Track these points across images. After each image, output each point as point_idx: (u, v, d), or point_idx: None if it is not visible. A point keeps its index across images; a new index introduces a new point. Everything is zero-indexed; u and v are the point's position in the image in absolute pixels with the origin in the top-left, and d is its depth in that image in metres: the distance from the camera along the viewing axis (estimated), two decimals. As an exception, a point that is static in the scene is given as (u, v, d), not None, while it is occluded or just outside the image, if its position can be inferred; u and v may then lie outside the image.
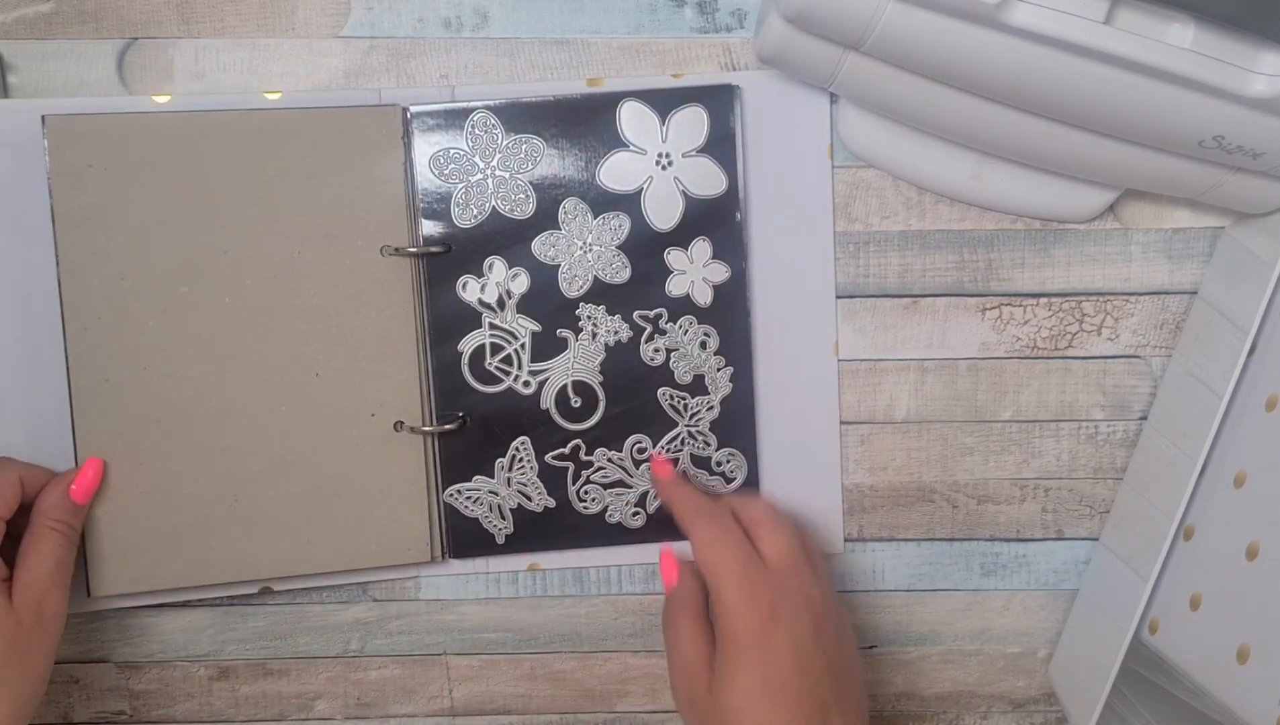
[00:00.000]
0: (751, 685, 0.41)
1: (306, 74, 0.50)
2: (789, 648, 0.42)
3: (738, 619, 0.42)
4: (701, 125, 0.49)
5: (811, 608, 0.43)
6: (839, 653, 0.43)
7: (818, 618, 0.43)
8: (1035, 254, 0.52)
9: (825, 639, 0.42)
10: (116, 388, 0.48)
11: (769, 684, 0.41)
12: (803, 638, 0.42)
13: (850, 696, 0.43)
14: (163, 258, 0.48)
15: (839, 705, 0.42)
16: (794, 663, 0.41)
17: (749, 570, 0.43)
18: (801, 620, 0.42)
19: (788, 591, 0.43)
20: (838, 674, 0.42)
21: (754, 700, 0.41)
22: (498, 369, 0.50)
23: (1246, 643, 0.44)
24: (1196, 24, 0.39)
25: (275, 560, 0.50)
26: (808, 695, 0.41)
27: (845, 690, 0.43)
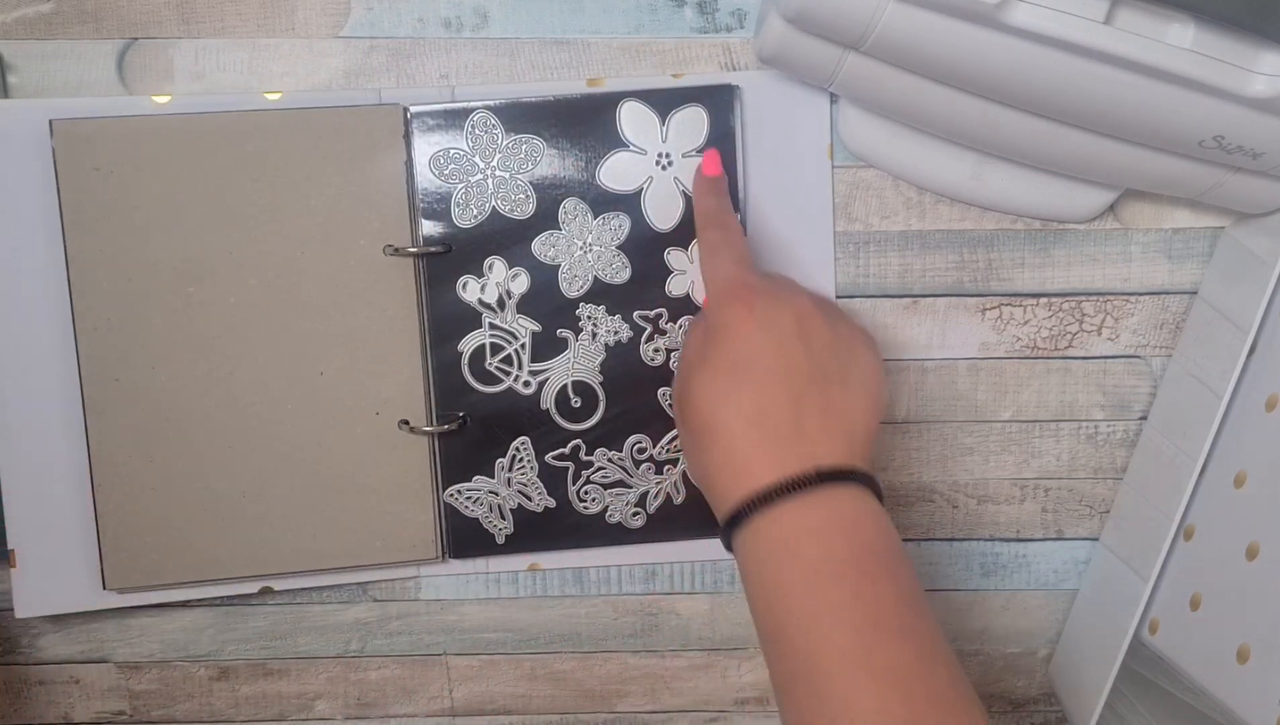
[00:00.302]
0: (719, 363, 0.40)
1: (306, 74, 0.50)
2: (764, 332, 0.40)
3: (718, 309, 0.42)
4: (701, 125, 0.49)
5: (798, 307, 0.41)
6: (830, 356, 0.41)
7: (804, 316, 0.41)
8: (1035, 254, 0.52)
9: (812, 337, 0.41)
10: (126, 387, 0.48)
11: (736, 363, 0.40)
12: (782, 327, 0.40)
13: (836, 401, 0.40)
14: (169, 258, 0.48)
15: (817, 402, 0.40)
16: (769, 346, 0.40)
17: (739, 270, 0.43)
18: (783, 312, 0.41)
19: (775, 291, 0.42)
20: (824, 373, 0.40)
21: (719, 380, 0.40)
22: (498, 369, 0.50)
23: (1246, 643, 0.44)
24: (1196, 24, 0.39)
25: (283, 556, 0.50)
26: (777, 377, 0.40)
27: (830, 393, 0.40)
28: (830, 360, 0.41)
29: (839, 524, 0.38)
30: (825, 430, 0.40)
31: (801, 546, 0.38)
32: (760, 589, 0.39)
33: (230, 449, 0.49)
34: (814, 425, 0.40)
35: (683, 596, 0.54)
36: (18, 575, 0.50)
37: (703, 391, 0.40)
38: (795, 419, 0.39)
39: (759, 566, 0.39)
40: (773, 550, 0.38)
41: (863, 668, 0.35)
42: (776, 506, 0.38)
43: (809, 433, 0.39)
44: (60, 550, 0.50)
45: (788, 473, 0.38)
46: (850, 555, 0.38)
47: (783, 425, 0.39)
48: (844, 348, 0.42)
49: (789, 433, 0.39)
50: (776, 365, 0.40)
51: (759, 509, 0.38)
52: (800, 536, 0.38)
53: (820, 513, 0.38)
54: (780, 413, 0.39)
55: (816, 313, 0.42)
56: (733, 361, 0.40)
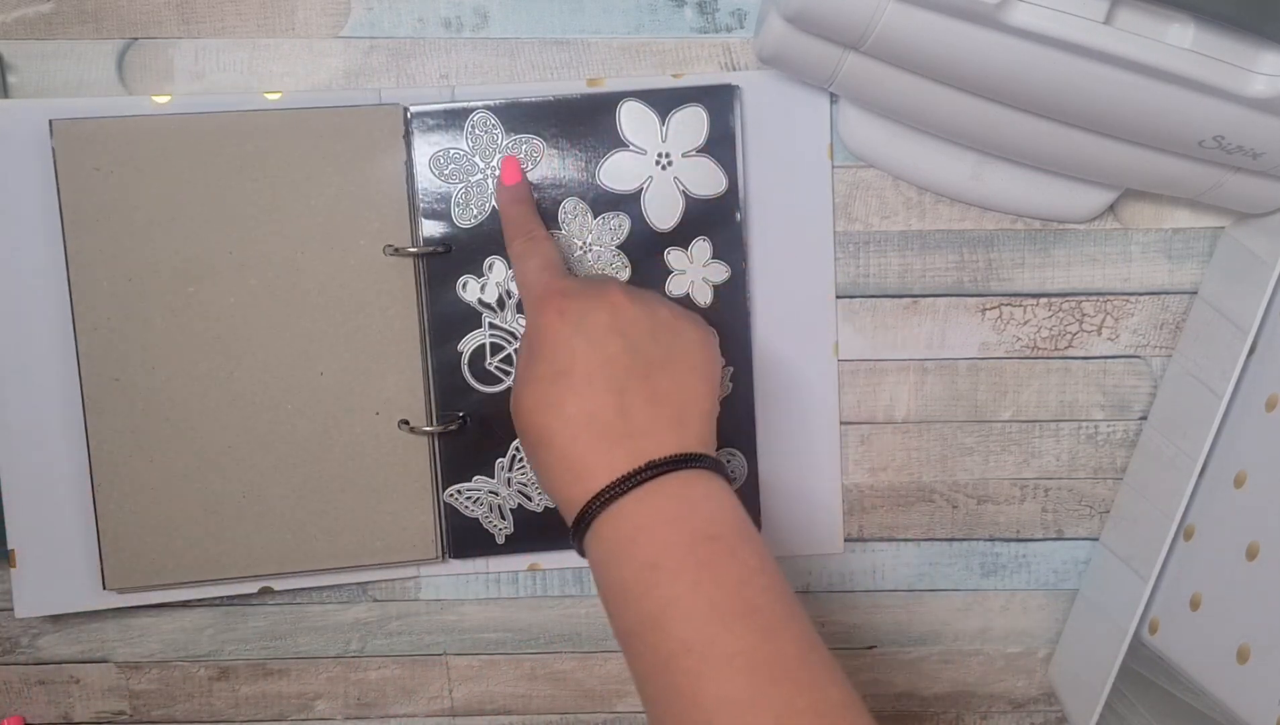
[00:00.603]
0: (541, 374, 0.40)
1: (306, 74, 0.50)
2: (578, 334, 0.40)
3: (533, 319, 0.42)
4: (701, 125, 0.49)
5: (610, 301, 0.41)
6: (650, 342, 0.41)
7: (617, 308, 0.41)
8: (1035, 254, 0.52)
9: (628, 327, 0.41)
10: (126, 387, 0.48)
11: (557, 372, 0.40)
12: (595, 324, 0.40)
13: (662, 386, 0.40)
14: (169, 258, 0.48)
15: (641, 392, 0.40)
16: (583, 346, 0.40)
17: (546, 273, 0.43)
18: (594, 310, 0.41)
19: (585, 291, 0.42)
20: (644, 359, 0.41)
21: (543, 390, 0.40)
22: (498, 369, 0.50)
23: (1246, 643, 0.44)
24: (1196, 24, 0.39)
25: (283, 556, 0.50)
26: (597, 377, 0.40)
27: (654, 378, 0.40)
28: (650, 347, 0.41)
29: (671, 514, 0.38)
30: (653, 420, 0.40)
31: (638, 544, 0.38)
32: (608, 591, 0.39)
33: (230, 449, 0.49)
34: (641, 417, 0.40)
35: (683, 596, 0.54)
36: (18, 575, 0.50)
37: (530, 403, 0.41)
38: (621, 415, 0.39)
39: (604, 569, 0.39)
40: (613, 551, 0.38)
41: (707, 658, 0.35)
42: (614, 506, 0.38)
43: (637, 426, 0.39)
44: (60, 550, 0.50)
45: (620, 471, 0.38)
46: (686, 543, 0.37)
47: (610, 424, 0.39)
48: (664, 331, 0.42)
49: (617, 430, 0.39)
50: (594, 364, 0.40)
51: (598, 511, 0.38)
52: (635, 534, 0.38)
53: (653, 506, 0.38)
54: (605, 411, 0.39)
55: (630, 303, 0.42)
56: (554, 369, 0.40)
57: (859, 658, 0.55)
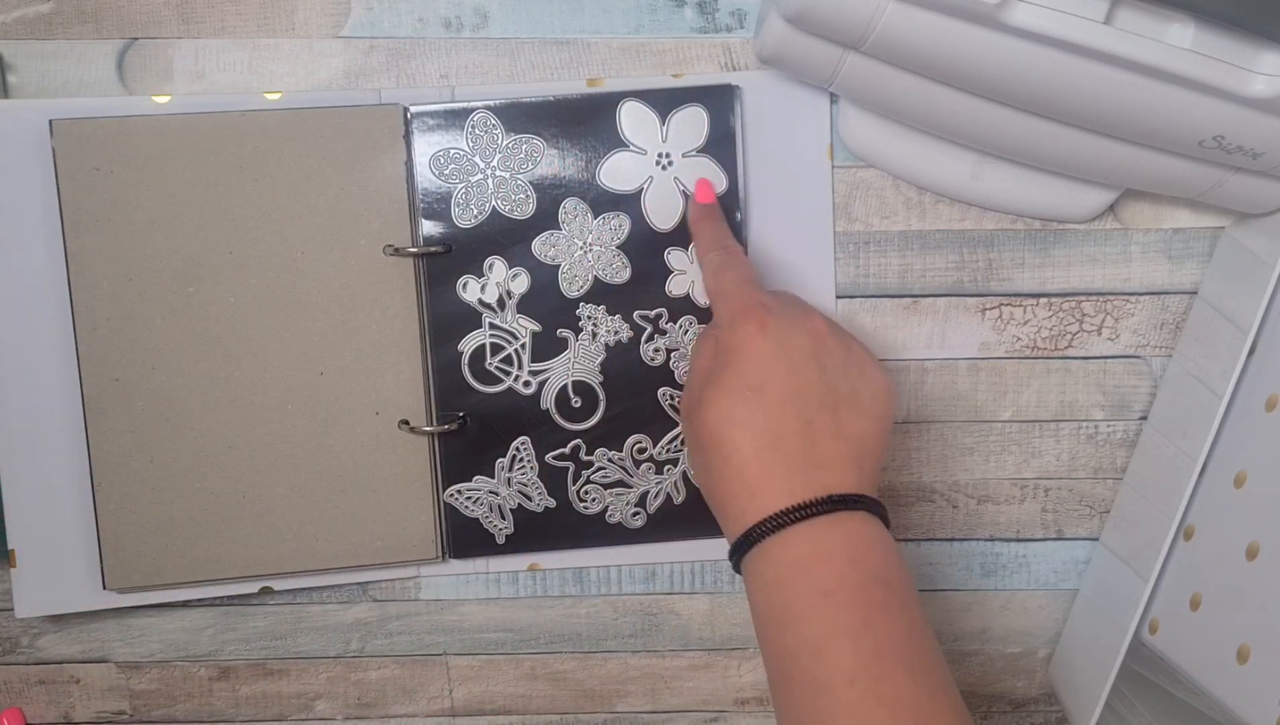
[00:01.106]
0: (732, 386, 0.40)
1: (306, 74, 0.50)
2: (777, 355, 0.40)
3: (730, 328, 0.42)
4: (701, 125, 0.49)
5: (812, 329, 0.41)
6: (841, 378, 0.41)
7: (818, 337, 0.41)
8: (1035, 254, 0.52)
9: (825, 358, 0.41)
10: (126, 387, 0.48)
11: (750, 386, 0.40)
12: (796, 348, 0.40)
13: (848, 425, 0.40)
14: (169, 258, 0.48)
15: (829, 426, 0.40)
16: (782, 369, 0.40)
17: (747, 289, 0.43)
18: (797, 333, 0.41)
19: (788, 311, 0.42)
20: (835, 395, 0.40)
21: (733, 403, 0.40)
22: (498, 369, 0.50)
23: (1246, 643, 0.44)
24: (1196, 24, 0.39)
25: (283, 556, 0.50)
26: (790, 401, 0.40)
27: (842, 416, 0.40)
28: (843, 383, 0.41)
29: (849, 550, 0.38)
30: (837, 455, 0.40)
31: (813, 570, 0.38)
32: (769, 611, 0.39)
33: (230, 449, 0.49)
34: (826, 450, 0.40)
35: (683, 596, 0.54)
36: (18, 575, 0.50)
37: (715, 412, 0.40)
38: (808, 443, 0.39)
39: (768, 589, 0.39)
40: (783, 573, 0.38)
41: (872, 695, 0.35)
42: (787, 530, 0.38)
43: (821, 457, 0.39)
44: (60, 550, 0.50)
45: (799, 497, 0.38)
46: (861, 582, 0.37)
47: (795, 449, 0.39)
48: (855, 370, 0.42)
49: (801, 457, 0.39)
50: (790, 388, 0.40)
51: (770, 532, 0.38)
52: (811, 561, 0.38)
53: (831, 538, 0.38)
54: (793, 436, 0.39)
55: (830, 334, 0.41)
56: (746, 383, 0.40)
57: (859, 658, 0.55)
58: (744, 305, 0.42)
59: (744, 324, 0.41)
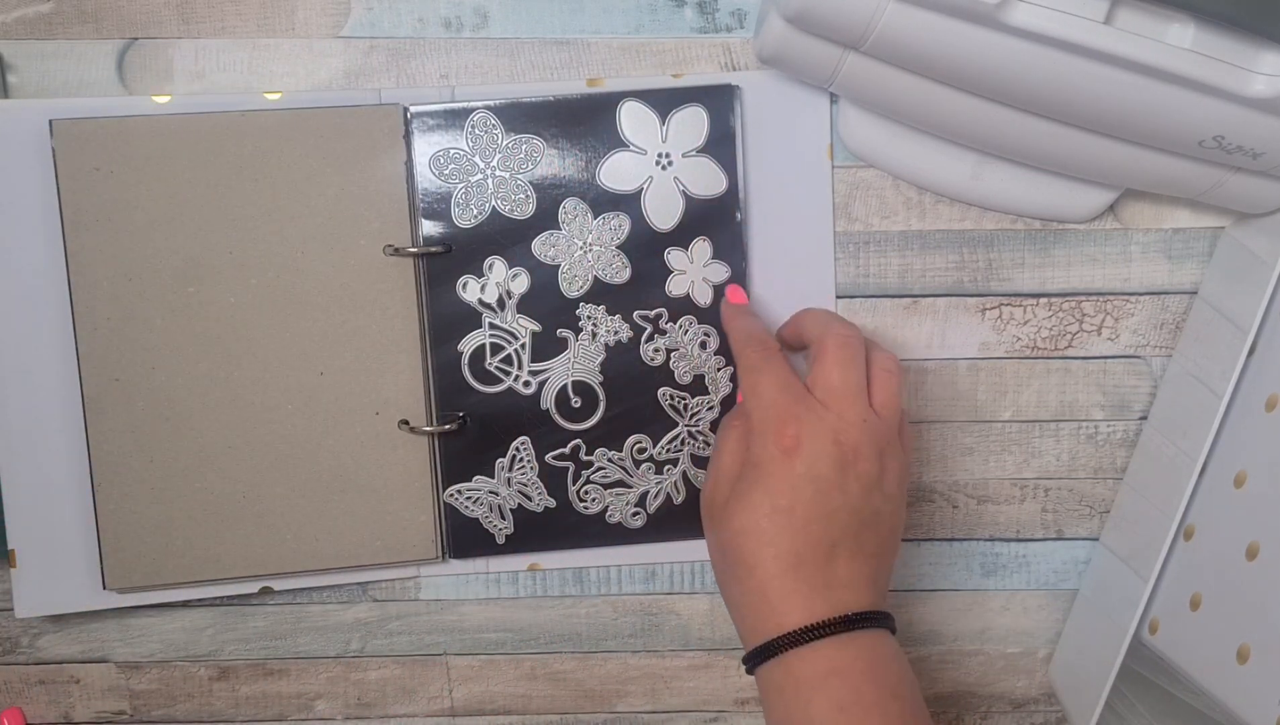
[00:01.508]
0: (760, 504, 0.41)
1: (306, 74, 0.50)
2: (805, 478, 0.41)
3: (760, 443, 0.42)
4: (701, 125, 0.49)
5: (841, 447, 0.41)
6: (865, 499, 0.42)
7: (846, 457, 0.41)
8: (1035, 254, 0.52)
9: (850, 480, 0.41)
10: (126, 387, 0.48)
11: (777, 508, 0.41)
12: (823, 473, 0.41)
13: (868, 544, 0.42)
14: (169, 258, 0.48)
15: (850, 547, 0.41)
16: (809, 493, 0.41)
17: (783, 396, 0.43)
18: (825, 455, 0.41)
19: (819, 426, 0.42)
20: (858, 518, 0.42)
21: (759, 520, 0.41)
22: (498, 369, 0.50)
23: (1246, 643, 0.44)
24: (1196, 24, 0.39)
25: (283, 556, 0.50)
26: (815, 527, 0.41)
27: (863, 536, 0.42)
28: (865, 506, 0.42)
29: (864, 666, 0.40)
30: (854, 574, 0.41)
31: (829, 686, 0.39)
32: (788, 718, 0.40)
33: (230, 449, 0.49)
34: (844, 569, 0.41)
35: (683, 596, 0.54)
36: (18, 575, 0.50)
37: (741, 526, 0.42)
38: (828, 565, 0.41)
39: (787, 698, 0.40)
40: (800, 687, 0.40)
41: None
42: (809, 646, 0.40)
43: (840, 577, 0.41)
44: (60, 550, 0.50)
45: (817, 617, 0.40)
46: (876, 698, 0.39)
47: (816, 571, 0.41)
48: (878, 493, 0.42)
49: (822, 578, 0.41)
50: (815, 512, 0.41)
51: (789, 646, 0.40)
52: (828, 676, 0.40)
53: (847, 655, 0.40)
54: (815, 559, 0.41)
55: (857, 457, 0.42)
56: (774, 504, 0.41)
57: (859, 658, 0.55)
58: (778, 417, 0.42)
59: (776, 442, 0.42)
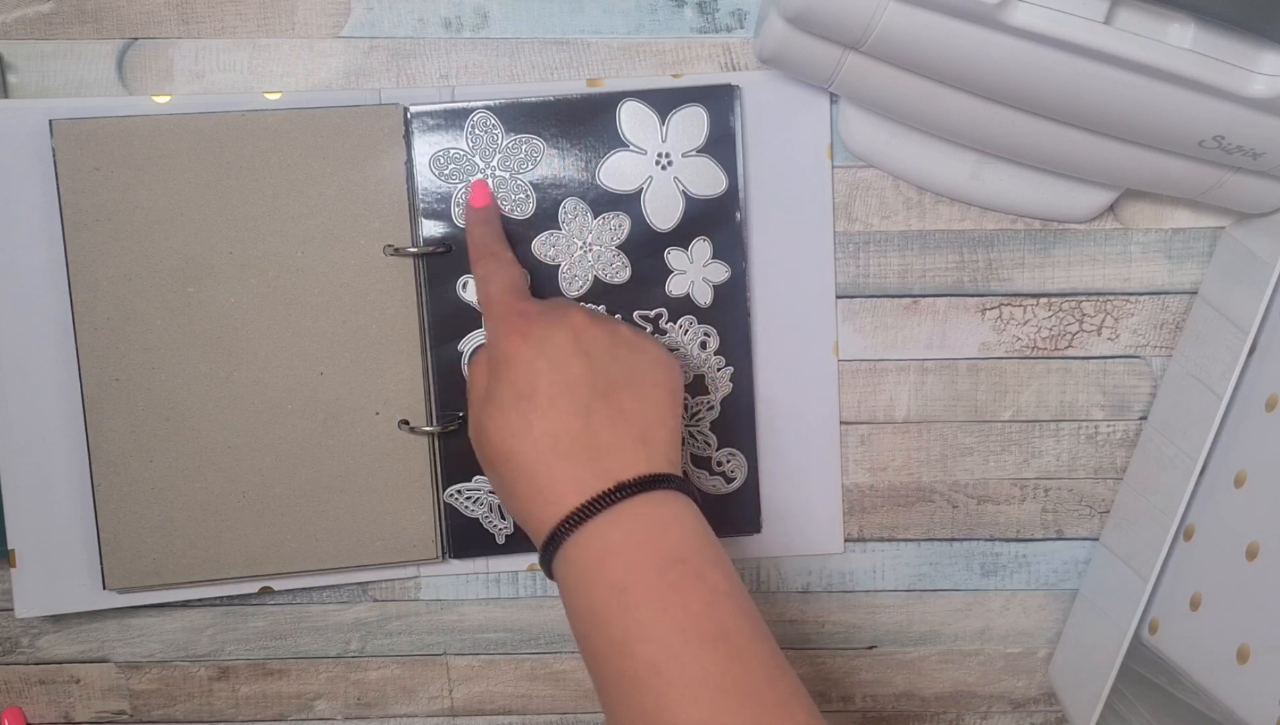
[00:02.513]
0: (506, 398, 0.41)
1: (306, 74, 0.50)
2: (540, 356, 0.40)
3: (495, 341, 0.42)
4: (701, 125, 0.49)
5: (571, 322, 0.41)
6: (611, 361, 0.41)
7: (578, 329, 0.41)
8: (1035, 254, 0.52)
9: (590, 346, 0.41)
10: (126, 387, 0.48)
11: (520, 395, 0.40)
12: (557, 346, 0.41)
13: (626, 404, 0.40)
14: (169, 258, 0.48)
15: (606, 411, 0.40)
16: (547, 369, 0.40)
17: (509, 296, 0.43)
18: (556, 330, 0.41)
19: (547, 312, 0.42)
20: (606, 378, 0.41)
21: (508, 412, 0.40)
22: (498, 369, 0.50)
23: (1246, 643, 0.44)
24: (1196, 24, 0.39)
25: (283, 556, 0.50)
26: (561, 398, 0.40)
27: (618, 397, 0.40)
28: (613, 366, 0.41)
29: (640, 537, 0.38)
30: (619, 440, 0.40)
31: (606, 567, 0.38)
32: (577, 614, 0.39)
33: (230, 449, 0.49)
34: (607, 437, 0.40)
35: (683, 596, 0.54)
36: (18, 575, 0.50)
37: (495, 428, 0.41)
38: (588, 435, 0.39)
39: (572, 593, 0.39)
40: (582, 574, 0.38)
41: (675, 682, 0.35)
42: (582, 528, 0.38)
43: (603, 445, 0.39)
44: (60, 550, 0.50)
45: (587, 493, 0.38)
46: (654, 566, 0.37)
47: (577, 445, 0.39)
48: (625, 350, 0.42)
49: (584, 451, 0.39)
50: (559, 385, 0.40)
51: (567, 534, 0.38)
52: (604, 556, 0.38)
53: (621, 527, 0.38)
54: (571, 433, 0.39)
55: (591, 324, 0.42)
56: (517, 393, 0.40)
57: (859, 658, 0.55)
58: (506, 314, 0.42)
59: (506, 336, 0.41)
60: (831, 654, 0.55)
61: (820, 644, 0.55)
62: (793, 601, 0.54)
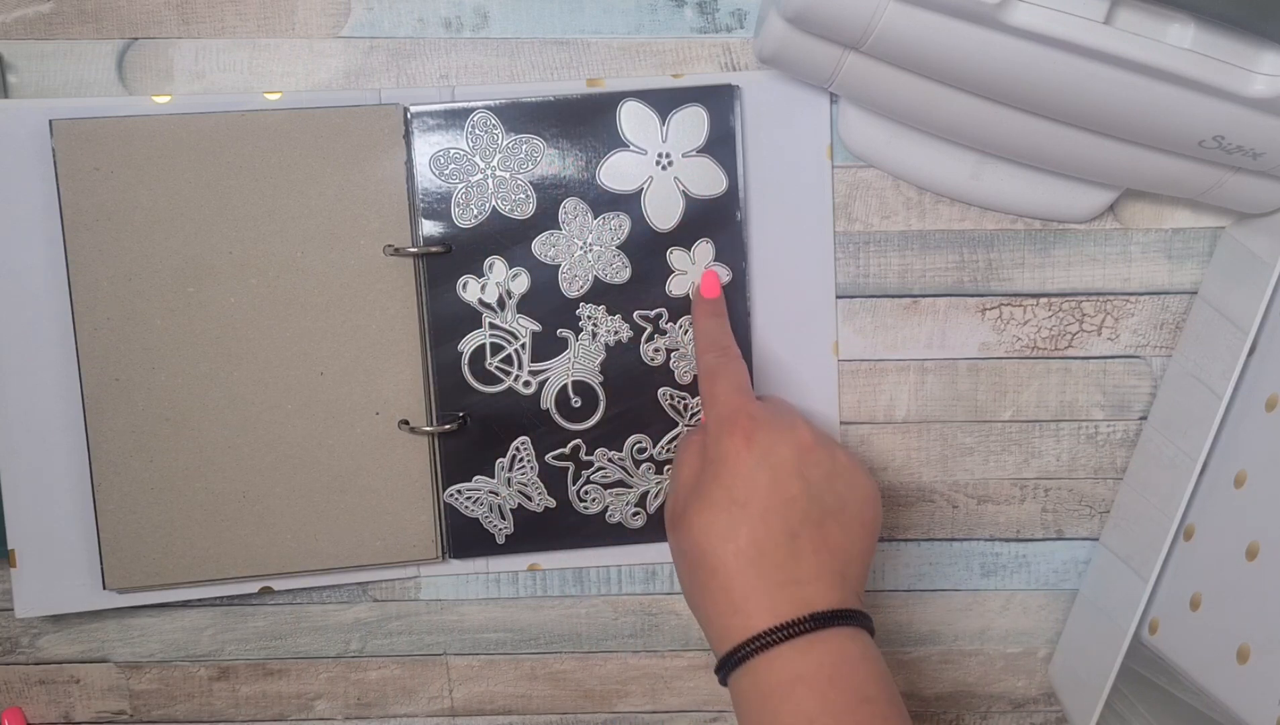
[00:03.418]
0: (717, 500, 0.41)
1: (306, 74, 0.50)
2: (762, 467, 0.41)
3: (716, 438, 0.42)
4: (701, 125, 0.49)
5: (797, 439, 0.42)
6: (827, 488, 0.42)
7: (803, 448, 0.41)
8: (1035, 254, 0.52)
9: (810, 470, 0.41)
10: (126, 387, 0.48)
11: (734, 500, 0.40)
12: (780, 461, 0.41)
13: (832, 535, 0.41)
14: (169, 258, 0.48)
15: (813, 537, 0.40)
16: (766, 482, 0.40)
17: (737, 396, 0.43)
18: (781, 444, 0.41)
19: (774, 422, 0.42)
20: (820, 505, 0.41)
21: (717, 515, 0.41)
22: (498, 369, 0.50)
23: (1246, 643, 0.44)
24: (1196, 24, 0.39)
25: (283, 556, 0.50)
26: (774, 515, 0.40)
27: (826, 525, 0.41)
28: (827, 493, 0.41)
29: (832, 670, 0.38)
30: (820, 569, 0.40)
31: (796, 694, 0.38)
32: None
33: (230, 449, 0.49)
34: (809, 564, 0.40)
35: (682, 597, 0.54)
36: (18, 575, 0.50)
37: (700, 525, 0.41)
38: (791, 558, 0.40)
39: (753, 709, 0.39)
40: (767, 695, 0.39)
41: None
42: (775, 650, 0.39)
43: (804, 572, 0.40)
44: (60, 550, 0.50)
45: (782, 617, 0.39)
46: (845, 703, 0.38)
47: (779, 565, 0.40)
48: (842, 479, 0.42)
49: (784, 573, 0.40)
50: (774, 501, 0.40)
51: (756, 651, 0.39)
52: (794, 683, 0.38)
53: (814, 658, 0.39)
54: (776, 551, 0.40)
55: (815, 445, 0.42)
56: (731, 497, 0.40)
57: (859, 658, 0.55)
58: (732, 414, 0.42)
59: (730, 435, 0.41)
60: None
61: (820, 644, 0.55)
62: (793, 601, 0.54)
